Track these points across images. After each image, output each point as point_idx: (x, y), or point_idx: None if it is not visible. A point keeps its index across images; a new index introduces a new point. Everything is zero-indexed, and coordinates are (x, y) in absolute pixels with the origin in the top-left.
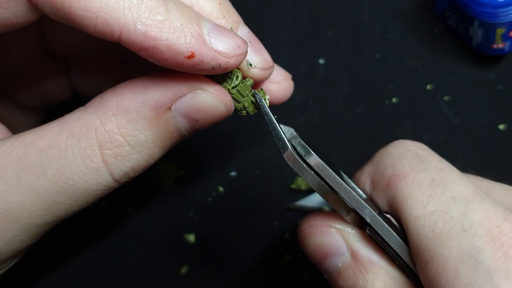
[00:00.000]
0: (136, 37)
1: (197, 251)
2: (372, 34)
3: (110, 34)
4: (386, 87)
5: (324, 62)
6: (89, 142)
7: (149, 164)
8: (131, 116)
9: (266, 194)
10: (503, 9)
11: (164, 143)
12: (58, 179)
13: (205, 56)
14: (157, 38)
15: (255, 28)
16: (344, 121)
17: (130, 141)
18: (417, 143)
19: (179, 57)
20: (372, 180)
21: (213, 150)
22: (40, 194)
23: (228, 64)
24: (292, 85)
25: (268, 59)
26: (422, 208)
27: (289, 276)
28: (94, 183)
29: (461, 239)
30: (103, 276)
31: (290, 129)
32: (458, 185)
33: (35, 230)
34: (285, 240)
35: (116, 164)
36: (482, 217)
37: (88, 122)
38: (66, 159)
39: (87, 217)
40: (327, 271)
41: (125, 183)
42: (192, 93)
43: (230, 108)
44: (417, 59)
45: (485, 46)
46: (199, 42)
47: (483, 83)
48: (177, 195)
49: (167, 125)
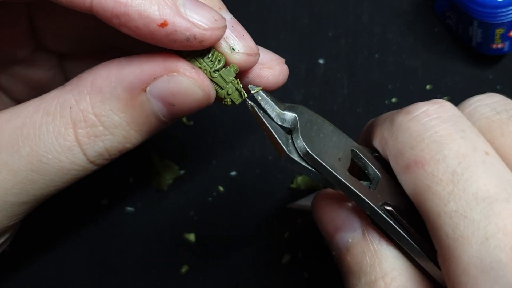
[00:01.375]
0: (107, 3)
1: (197, 250)
2: (371, 34)
3: (81, 2)
4: (386, 87)
5: (324, 62)
6: (64, 121)
7: (126, 148)
8: (104, 96)
9: (266, 194)
10: (502, 9)
11: (140, 127)
12: (32, 157)
13: (179, 25)
14: (128, 4)
15: (255, 28)
16: (344, 121)
17: (104, 122)
18: (440, 110)
19: (152, 25)
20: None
21: (213, 150)
22: (14, 172)
23: (204, 36)
24: (286, 69)
25: (252, 45)
26: (443, 205)
27: (289, 276)
28: (68, 162)
29: (483, 248)
30: (103, 275)
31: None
32: (482, 178)
33: (11, 210)
34: (285, 240)
35: (89, 144)
36: (507, 221)
37: (63, 100)
38: (40, 137)
39: (86, 216)
40: (337, 245)
41: (125, 183)
42: (168, 75)
43: (209, 94)
44: (416, 59)
45: (485, 46)
46: (173, 10)
47: (482, 83)
48: (177, 195)
49: (142, 108)
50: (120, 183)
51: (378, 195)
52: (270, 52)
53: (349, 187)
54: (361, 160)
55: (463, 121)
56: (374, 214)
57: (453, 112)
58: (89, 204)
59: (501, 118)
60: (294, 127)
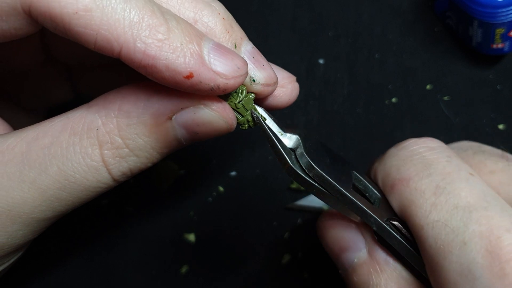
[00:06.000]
0: (136, 55)
1: (197, 250)
2: (372, 34)
3: (110, 50)
4: (386, 87)
5: (324, 62)
6: (90, 141)
7: (147, 167)
8: (131, 121)
9: (266, 194)
10: (502, 9)
11: (163, 150)
12: (60, 176)
13: (204, 77)
14: (156, 57)
15: (256, 28)
16: (344, 121)
17: (129, 144)
18: (430, 143)
19: (178, 77)
20: (379, 177)
21: (213, 150)
22: (42, 190)
23: (227, 85)
24: (297, 87)
25: (272, 75)
26: (425, 217)
27: (289, 276)
28: (94, 181)
29: (461, 252)
30: (103, 275)
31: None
32: (464, 191)
33: (37, 225)
34: (285, 240)
35: (115, 164)
36: (483, 227)
37: (90, 121)
38: (67, 157)
39: (87, 216)
40: (343, 265)
41: (125, 183)
42: (194, 107)
43: (231, 125)
44: (416, 59)
45: (485, 46)
46: (198, 62)
47: (482, 83)
48: (177, 195)
49: (166, 134)
50: (120, 183)
51: (382, 212)
52: (283, 70)
53: (355, 202)
54: (361, 183)
55: (449, 150)
56: (380, 229)
57: (439, 144)
58: (89, 204)
59: (467, 154)
60: (297, 147)
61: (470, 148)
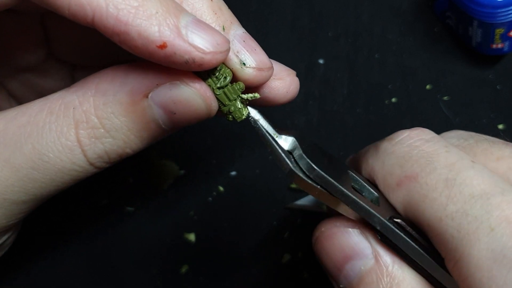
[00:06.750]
0: (108, 21)
1: (197, 250)
2: (371, 34)
3: (83, 16)
4: (386, 87)
5: (324, 62)
6: (66, 121)
7: (125, 153)
8: (107, 99)
9: (266, 194)
10: (502, 9)
11: (141, 133)
12: (34, 154)
13: (178, 48)
14: (129, 23)
15: (255, 28)
16: (344, 121)
17: (105, 124)
18: (421, 133)
19: (151, 46)
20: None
21: (213, 150)
22: (15, 168)
23: (203, 60)
24: (296, 81)
25: (265, 59)
26: (442, 209)
27: (289, 276)
28: (68, 162)
29: (490, 239)
30: (103, 275)
31: (290, 139)
32: (474, 179)
33: (10, 208)
34: (285, 240)
35: (90, 146)
36: (508, 211)
37: (68, 101)
38: (42, 136)
39: (87, 216)
40: (346, 277)
41: (125, 183)
42: (170, 83)
43: (210, 106)
44: (416, 59)
45: (484, 46)
46: (173, 32)
47: (482, 83)
48: (177, 195)
49: (143, 114)
50: (120, 183)
51: (383, 211)
52: (281, 64)
53: (358, 202)
54: (358, 182)
55: (443, 140)
56: (384, 228)
57: (433, 135)
58: (89, 204)
59: (470, 143)
60: (294, 148)
61: (471, 137)
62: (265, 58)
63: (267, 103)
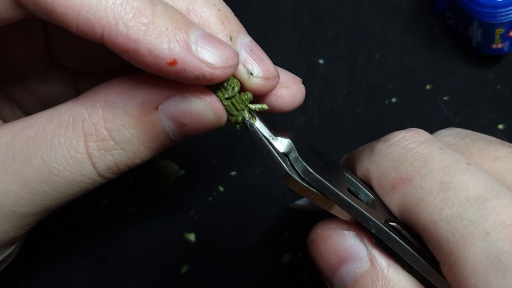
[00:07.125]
0: (118, 39)
1: (197, 250)
2: (371, 34)
3: (92, 33)
4: (386, 87)
5: (324, 62)
6: (75, 133)
7: (135, 163)
8: (117, 111)
9: (266, 194)
10: (502, 9)
11: (150, 144)
12: (43, 167)
13: (188, 65)
14: (139, 41)
15: (255, 28)
16: (344, 121)
17: (115, 136)
18: (416, 135)
19: (161, 63)
20: (374, 178)
21: (213, 150)
22: (25, 182)
23: (213, 75)
24: (302, 89)
25: (271, 69)
26: (437, 213)
27: (289, 276)
28: (78, 174)
29: (486, 243)
30: (103, 275)
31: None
32: (469, 182)
33: (19, 220)
34: (285, 240)
35: (99, 158)
36: (503, 215)
37: (76, 113)
38: (52, 148)
39: (87, 216)
40: (341, 280)
41: (125, 183)
42: (180, 95)
43: (220, 118)
44: (416, 59)
45: (484, 46)
46: (184, 49)
47: (482, 83)
48: (177, 195)
49: (153, 126)
50: (120, 183)
51: (379, 214)
52: (287, 72)
53: (353, 205)
54: (353, 184)
55: (438, 142)
56: (379, 232)
57: (428, 136)
58: (89, 204)
59: (466, 142)
60: (290, 151)
61: (467, 136)
62: (271, 67)
63: (273, 111)
